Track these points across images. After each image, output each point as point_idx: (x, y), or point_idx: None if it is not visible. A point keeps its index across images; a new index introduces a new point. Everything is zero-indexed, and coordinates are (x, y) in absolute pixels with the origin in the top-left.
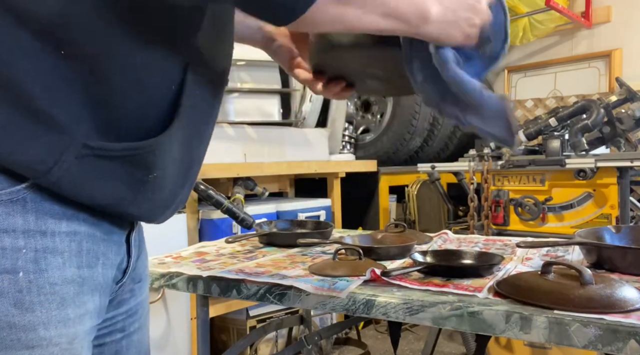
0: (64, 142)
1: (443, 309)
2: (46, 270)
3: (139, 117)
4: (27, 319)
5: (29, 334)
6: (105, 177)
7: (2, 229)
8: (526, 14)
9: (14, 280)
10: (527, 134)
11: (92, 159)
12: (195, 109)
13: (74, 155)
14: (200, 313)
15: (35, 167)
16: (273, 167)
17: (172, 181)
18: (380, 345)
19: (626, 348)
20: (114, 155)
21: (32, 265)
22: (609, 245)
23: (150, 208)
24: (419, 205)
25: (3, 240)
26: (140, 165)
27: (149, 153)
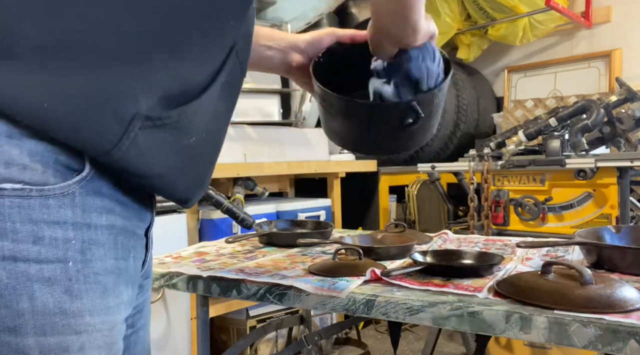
0: (131, 113)
1: (443, 309)
2: (91, 261)
3: (188, 85)
4: (76, 306)
5: (78, 320)
6: (162, 145)
7: (54, 221)
8: (526, 14)
9: (64, 269)
10: (527, 134)
11: (152, 129)
12: (227, 86)
13: (138, 126)
14: (200, 313)
15: (107, 138)
16: (273, 167)
17: (206, 152)
18: (380, 345)
19: (626, 348)
20: (167, 123)
21: (79, 255)
22: (609, 245)
23: (191, 181)
24: (419, 205)
25: (56, 231)
26: (185, 130)
27: (192, 116)
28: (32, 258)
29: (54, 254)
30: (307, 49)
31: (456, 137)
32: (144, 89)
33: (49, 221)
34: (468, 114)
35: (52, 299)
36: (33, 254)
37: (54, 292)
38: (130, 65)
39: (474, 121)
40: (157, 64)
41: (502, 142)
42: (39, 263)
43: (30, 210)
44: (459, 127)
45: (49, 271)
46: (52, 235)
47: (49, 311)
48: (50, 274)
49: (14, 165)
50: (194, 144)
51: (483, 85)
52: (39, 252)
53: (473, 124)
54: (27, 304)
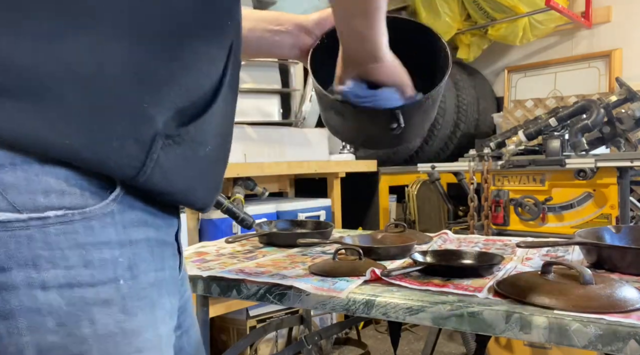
0: (151, 135)
1: (443, 309)
2: (138, 276)
3: (198, 96)
4: (134, 324)
5: (138, 337)
6: (181, 161)
7: (101, 242)
8: (526, 14)
9: (117, 288)
10: (527, 134)
11: (172, 147)
12: (230, 86)
13: (160, 146)
14: (200, 313)
15: (132, 165)
16: (273, 167)
17: (220, 156)
18: (380, 345)
19: (626, 348)
20: (186, 138)
21: (127, 273)
22: (609, 245)
23: (209, 188)
24: (419, 205)
25: (103, 252)
26: (201, 142)
27: (207, 125)
28: (86, 282)
29: (105, 275)
30: (315, 29)
31: (456, 137)
32: (157, 107)
33: (95, 243)
34: (468, 114)
35: (112, 320)
36: (86, 278)
37: (112, 313)
38: (140, 87)
39: (474, 121)
40: (165, 80)
41: (502, 142)
42: (94, 286)
43: (75, 234)
44: (459, 127)
45: (104, 293)
46: (100, 256)
47: (110, 333)
48: (106, 296)
49: (52, 192)
50: (210, 152)
51: (483, 85)
52: (92, 275)
53: (473, 124)
54: (88, 329)
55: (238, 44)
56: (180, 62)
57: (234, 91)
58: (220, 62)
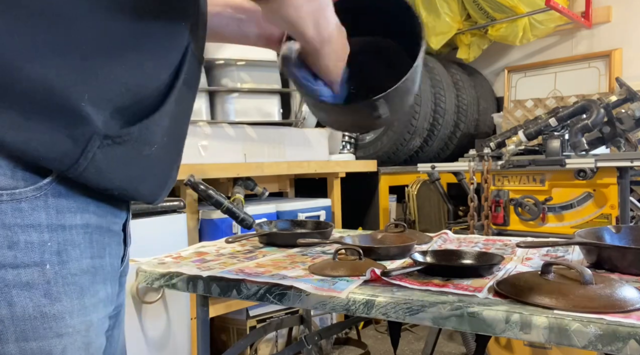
0: (87, 134)
1: (443, 309)
2: (67, 262)
3: (146, 97)
4: (56, 308)
5: (59, 323)
6: (121, 160)
7: (29, 224)
8: (526, 14)
9: (42, 272)
10: (527, 134)
11: (112, 147)
12: (185, 85)
13: (96, 145)
14: (200, 313)
15: (63, 160)
16: (273, 167)
17: (167, 156)
18: (380, 345)
19: (626, 348)
20: (128, 139)
21: (56, 257)
22: (609, 245)
23: (154, 185)
24: (419, 205)
25: (30, 234)
26: (146, 142)
27: (154, 127)
28: (8, 263)
29: (30, 257)
30: None
31: (456, 137)
32: (95, 106)
33: (22, 225)
34: (468, 114)
35: (32, 303)
36: (9, 259)
37: (33, 297)
38: (78, 85)
39: (474, 121)
40: (107, 80)
41: (502, 142)
42: (16, 268)
43: (2, 215)
44: (459, 127)
45: (27, 275)
46: (27, 239)
47: (29, 316)
48: (28, 278)
49: None
50: (155, 151)
51: (483, 85)
52: (15, 256)
53: (473, 124)
54: (5, 310)
55: (197, 47)
56: (124, 62)
57: (191, 92)
58: (172, 63)
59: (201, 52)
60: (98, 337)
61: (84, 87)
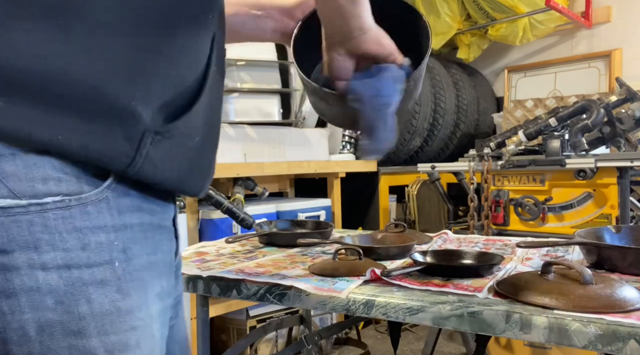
0: (140, 132)
1: (443, 309)
2: (132, 259)
3: (185, 90)
4: (128, 303)
5: (131, 316)
6: (172, 154)
7: (96, 226)
8: (526, 14)
9: (112, 270)
10: (527, 134)
11: (162, 142)
12: (215, 76)
13: (149, 142)
14: (200, 313)
15: (122, 160)
16: (273, 167)
17: (208, 145)
18: (380, 345)
19: (626, 348)
20: (175, 133)
21: (122, 255)
22: (609, 245)
23: (199, 176)
24: (419, 205)
25: (99, 235)
26: (189, 134)
27: (194, 119)
28: (83, 263)
29: (101, 257)
30: (297, 12)
31: (456, 137)
32: (145, 103)
33: (91, 227)
34: (468, 114)
35: (107, 299)
36: (83, 260)
37: (107, 293)
38: (128, 84)
39: (474, 121)
40: (153, 75)
41: (502, 142)
42: (90, 267)
43: (73, 219)
44: (459, 127)
45: (100, 274)
46: (96, 239)
47: (106, 311)
48: (102, 276)
49: (50, 180)
50: (198, 142)
51: (483, 85)
52: (88, 257)
53: (473, 124)
54: (85, 307)
55: (221, 35)
56: (165, 55)
57: (221, 80)
58: (204, 54)
59: (223, 41)
60: (158, 330)
61: (132, 86)
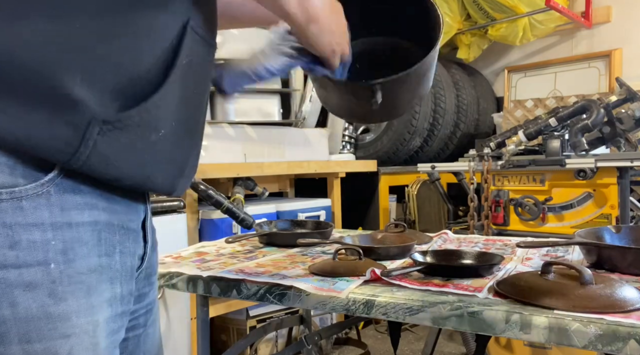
0: (85, 120)
1: (443, 309)
2: (74, 261)
3: (142, 77)
4: (62, 308)
5: (64, 323)
6: (127, 147)
7: (30, 223)
8: (526, 14)
9: (46, 272)
10: (527, 134)
11: (113, 132)
12: (192, 67)
13: (96, 132)
14: (200, 313)
15: (63, 149)
16: (273, 167)
17: (180, 142)
18: (380, 345)
19: (626, 348)
20: (129, 123)
21: (61, 256)
22: (609, 245)
23: (168, 174)
24: (419, 205)
25: (33, 233)
26: (150, 126)
27: (155, 109)
28: (10, 263)
29: (33, 257)
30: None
31: (456, 137)
32: (88, 89)
33: (24, 224)
34: (468, 114)
35: (35, 304)
36: (11, 259)
37: (36, 297)
38: (66, 68)
39: (474, 121)
40: (97, 59)
41: (502, 142)
42: (18, 268)
43: (2, 214)
44: (459, 127)
45: (30, 275)
46: (29, 238)
47: (32, 316)
48: (31, 278)
49: None
50: (163, 137)
51: (483, 85)
52: (17, 256)
53: (473, 124)
54: (8, 311)
55: (199, 22)
56: (120, 41)
57: (200, 76)
58: (168, 41)
59: (208, 32)
60: (105, 338)
61: (75, 69)
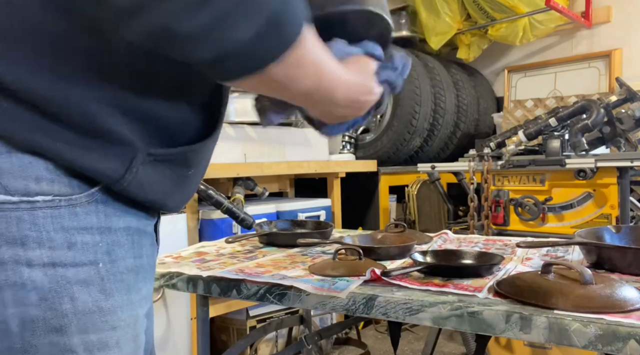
0: (131, 153)
1: (443, 309)
2: (116, 261)
3: (185, 125)
4: (110, 303)
5: (113, 316)
6: (160, 177)
7: (83, 227)
8: (526, 14)
9: (96, 270)
10: (527, 134)
11: (153, 163)
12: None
13: (140, 162)
14: (200, 313)
15: (110, 175)
16: (273, 167)
17: (199, 176)
18: (380, 345)
19: (626, 348)
20: (169, 159)
21: (107, 256)
22: (609, 245)
23: (180, 200)
24: (419, 205)
25: (85, 236)
26: (185, 164)
27: (195, 154)
28: (69, 262)
29: (86, 257)
30: None
31: (456, 137)
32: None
33: (78, 227)
34: (468, 114)
35: (90, 298)
36: (69, 259)
37: (91, 292)
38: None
39: (474, 121)
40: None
41: (502, 142)
42: (75, 266)
43: (61, 219)
44: (459, 127)
45: (84, 273)
46: (82, 240)
47: (88, 309)
48: (86, 276)
49: (43, 180)
50: (192, 174)
51: (483, 85)
52: (74, 256)
53: (473, 124)
54: (69, 305)
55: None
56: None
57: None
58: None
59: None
60: (142, 330)
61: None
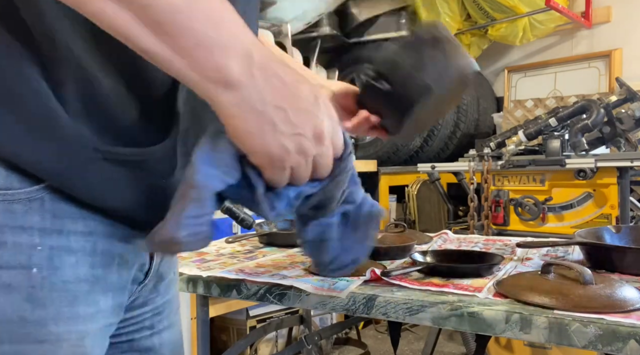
0: (74, 146)
1: (443, 309)
2: (60, 268)
3: (141, 125)
4: (38, 314)
5: (39, 329)
6: (117, 181)
7: (18, 226)
8: (526, 14)
9: (27, 276)
10: (527, 134)
11: (102, 162)
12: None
13: (83, 158)
14: (200, 313)
15: (46, 169)
16: None
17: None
18: (380, 345)
19: (626, 348)
20: (122, 160)
21: (46, 262)
22: (609, 245)
23: (154, 215)
24: (419, 205)
25: (20, 236)
26: (151, 171)
27: (155, 159)
28: None
29: (15, 259)
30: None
31: (456, 137)
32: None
33: (12, 226)
34: (468, 114)
35: (10, 306)
36: None
37: (13, 299)
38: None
39: (474, 121)
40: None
41: (502, 142)
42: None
43: None
44: (459, 127)
45: (9, 277)
46: (15, 240)
47: (6, 319)
48: (10, 280)
49: None
50: (167, 184)
51: (483, 85)
52: (0, 256)
53: (473, 124)
54: None
55: None
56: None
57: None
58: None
59: None
60: (95, 348)
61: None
